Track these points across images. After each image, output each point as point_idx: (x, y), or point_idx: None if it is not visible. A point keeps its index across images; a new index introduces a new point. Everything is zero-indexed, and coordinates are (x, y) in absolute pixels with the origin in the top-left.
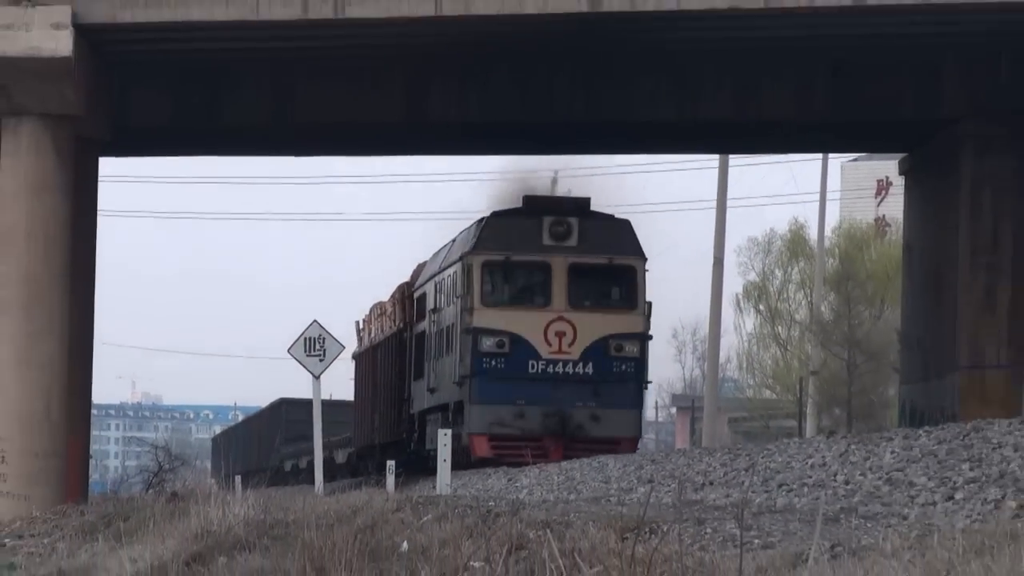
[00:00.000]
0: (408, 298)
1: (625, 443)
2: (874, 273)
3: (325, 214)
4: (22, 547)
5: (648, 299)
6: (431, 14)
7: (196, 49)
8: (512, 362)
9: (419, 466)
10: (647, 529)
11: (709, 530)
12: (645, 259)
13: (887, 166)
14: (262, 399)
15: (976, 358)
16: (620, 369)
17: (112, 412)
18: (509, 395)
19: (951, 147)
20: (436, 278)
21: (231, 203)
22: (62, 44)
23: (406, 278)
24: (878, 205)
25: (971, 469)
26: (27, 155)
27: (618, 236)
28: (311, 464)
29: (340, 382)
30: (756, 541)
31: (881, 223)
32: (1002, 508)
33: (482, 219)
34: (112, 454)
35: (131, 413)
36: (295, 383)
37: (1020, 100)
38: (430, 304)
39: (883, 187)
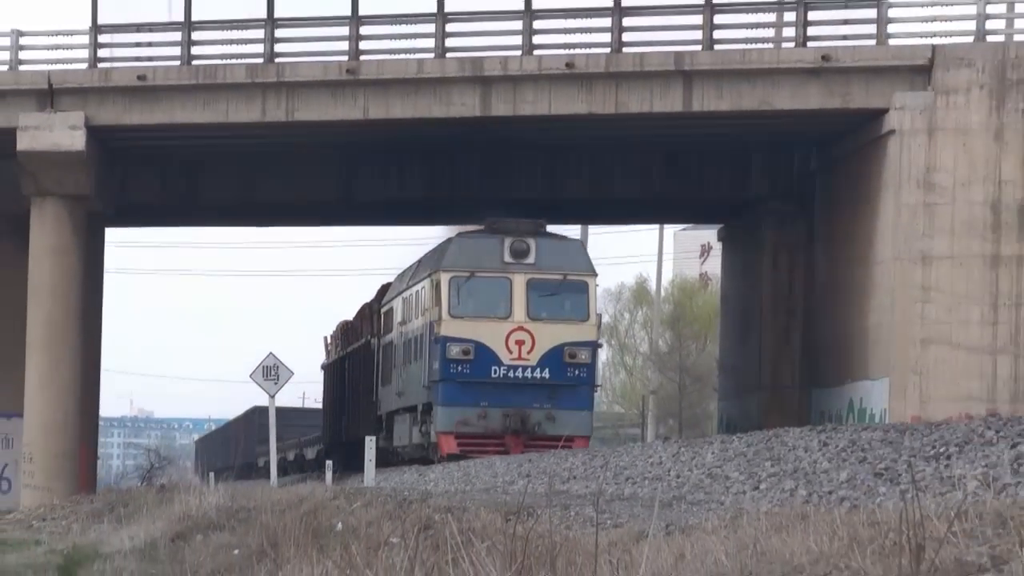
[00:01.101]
0: (376, 314)
1: (578, 441)
2: (699, 316)
3: (286, 271)
4: (45, 527)
5: (598, 312)
6: (360, 118)
7: (179, 144)
8: (477, 367)
9: (385, 461)
10: (525, 513)
11: (573, 513)
12: (595, 275)
13: (709, 233)
14: (232, 412)
15: (775, 380)
16: (573, 374)
17: (114, 423)
18: (474, 398)
19: (757, 220)
20: (404, 294)
21: (212, 262)
22: (77, 141)
23: (369, 299)
24: (702, 264)
25: (772, 466)
26: (50, 227)
27: (571, 255)
28: (293, 458)
29: (316, 387)
30: (609, 522)
31: (704, 278)
32: (795, 495)
33: (449, 239)
34: (115, 456)
35: (129, 424)
36: (263, 397)
37: (807, 185)
38: (398, 318)
39: (705, 250)
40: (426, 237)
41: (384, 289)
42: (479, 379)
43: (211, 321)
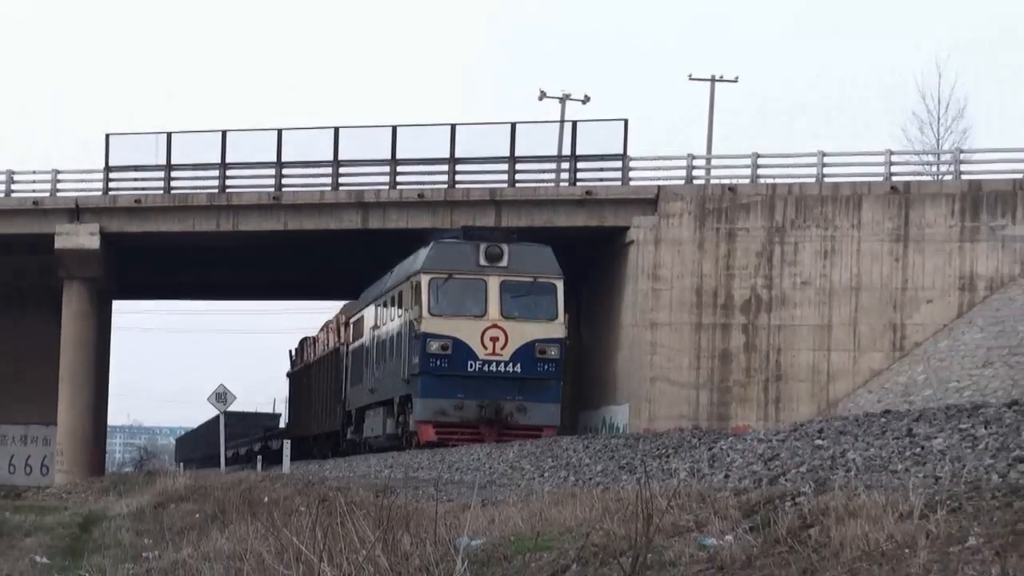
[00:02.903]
0: (344, 324)
1: (547, 430)
2: None
3: (244, 330)
4: (70, 498)
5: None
6: (281, 229)
7: (162, 245)
8: (454, 362)
9: (352, 450)
10: (389, 491)
11: (421, 492)
12: (562, 278)
13: None
14: (198, 420)
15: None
16: (543, 369)
17: (116, 430)
18: (451, 390)
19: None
20: (377, 301)
21: (190, 322)
22: (94, 243)
23: (330, 318)
24: None
25: (552, 461)
26: (75, 299)
27: (540, 259)
28: (244, 452)
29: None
30: (445, 498)
31: None
32: (567, 481)
33: (429, 243)
34: (116, 452)
35: (126, 430)
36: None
37: (578, 276)
38: (370, 323)
39: None
40: (323, 308)
41: (351, 305)
42: (456, 372)
43: (184, 361)
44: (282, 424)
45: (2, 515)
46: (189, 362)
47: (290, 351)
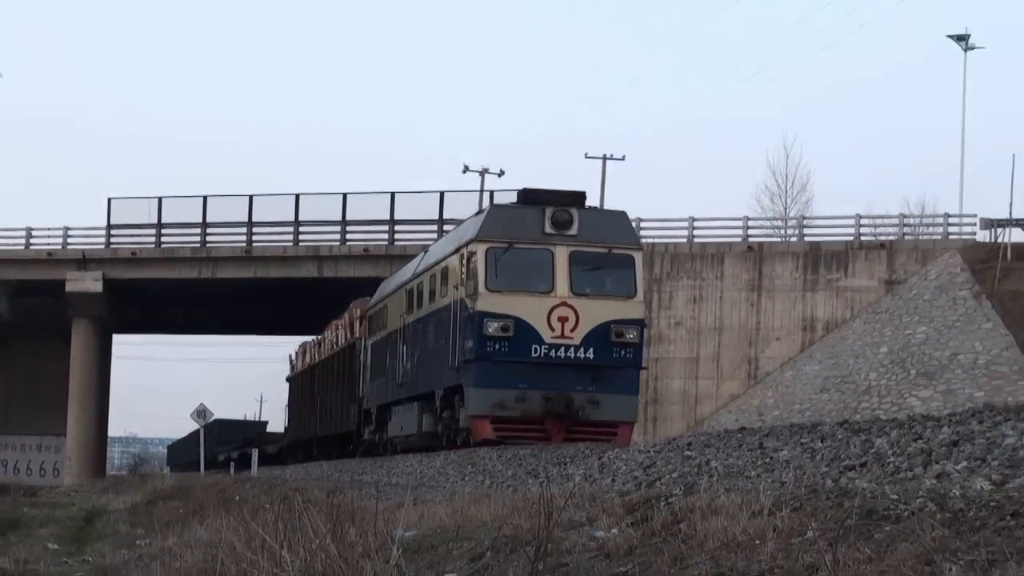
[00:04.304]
0: (360, 318)
1: (623, 428)
2: None
3: (222, 359)
4: (77, 496)
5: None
6: (251, 276)
7: (154, 289)
8: (515, 346)
9: (371, 452)
10: (338, 491)
11: (364, 492)
12: (641, 249)
13: None
14: (182, 432)
15: None
16: (620, 355)
17: (115, 440)
18: (512, 379)
19: None
20: (408, 286)
21: (176, 352)
22: (97, 287)
23: (340, 319)
24: None
25: (471, 468)
26: (82, 334)
27: (616, 227)
28: (232, 456)
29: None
30: (384, 497)
31: None
32: (484, 484)
33: (483, 210)
34: (115, 458)
35: (123, 440)
36: (220, 414)
37: None
38: (399, 310)
39: None
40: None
41: (363, 301)
42: (518, 359)
43: (172, 384)
44: (270, 429)
45: (20, 510)
46: (176, 385)
47: (290, 356)
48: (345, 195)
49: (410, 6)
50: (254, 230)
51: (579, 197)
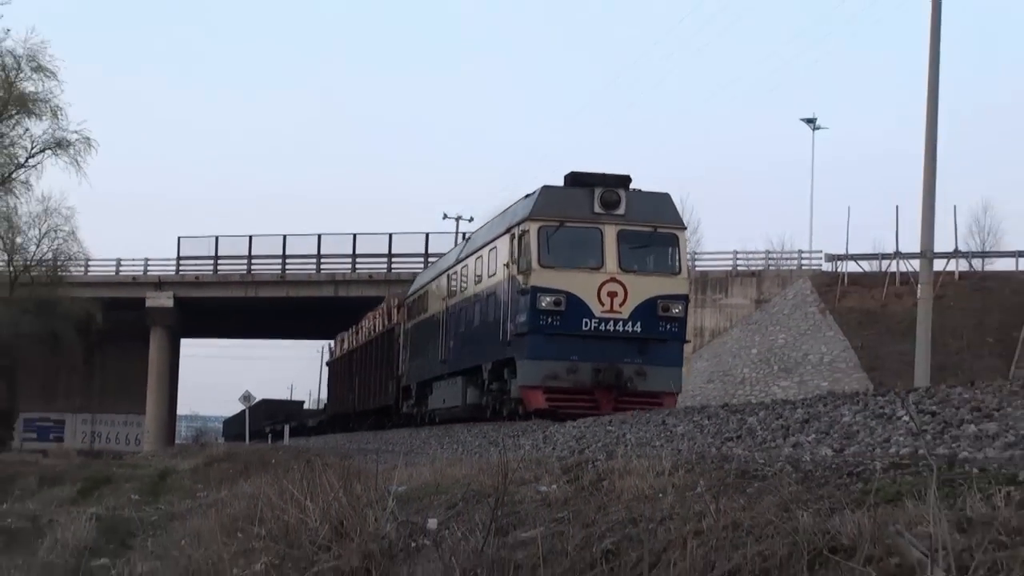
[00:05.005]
0: (397, 307)
1: (667, 398)
2: None
3: (263, 357)
4: (153, 460)
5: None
6: (284, 296)
7: (212, 304)
8: (567, 319)
9: (408, 422)
10: (349, 456)
11: (368, 458)
12: (685, 228)
13: None
14: (231, 412)
15: None
16: (665, 328)
17: (182, 417)
18: (563, 351)
19: None
20: (451, 271)
21: (228, 352)
22: (169, 303)
23: (375, 311)
24: None
25: (449, 440)
26: (158, 338)
27: (661, 207)
28: (277, 430)
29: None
30: (382, 461)
31: None
32: (458, 451)
33: (533, 192)
34: (183, 431)
35: (188, 417)
36: (265, 395)
37: None
38: (441, 294)
39: None
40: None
41: (399, 293)
42: (570, 332)
43: (226, 375)
44: (306, 407)
45: (111, 470)
46: (228, 376)
47: (329, 344)
48: (355, 235)
49: (401, 97)
50: (287, 261)
51: (625, 179)
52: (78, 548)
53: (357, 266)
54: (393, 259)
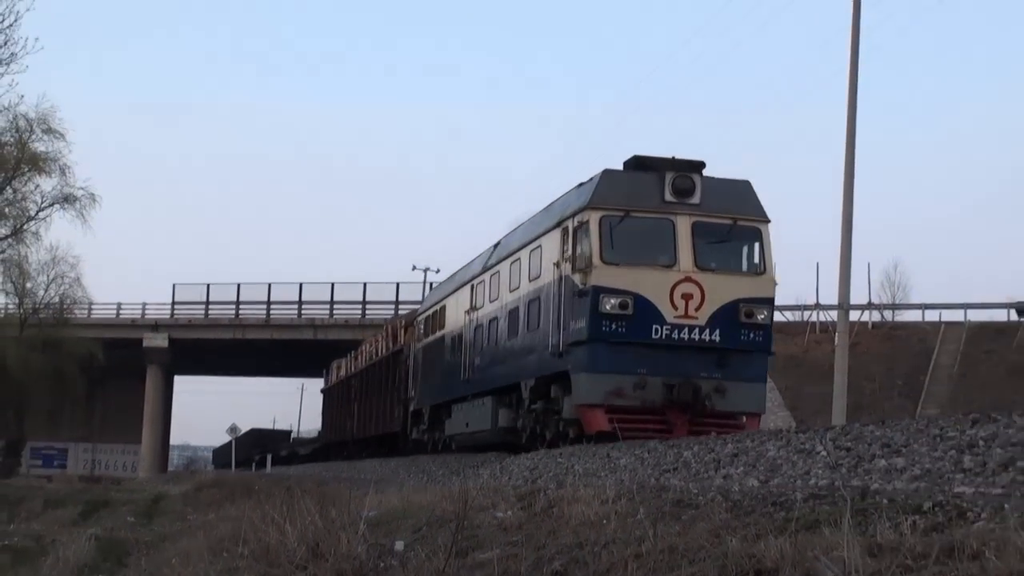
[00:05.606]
0: (404, 327)
1: (750, 421)
2: None
3: (248, 392)
4: (147, 485)
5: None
6: (269, 338)
7: (202, 344)
8: (634, 325)
9: (420, 449)
10: (324, 483)
11: (342, 484)
12: (769, 221)
13: None
14: (219, 442)
15: None
16: (748, 337)
17: (174, 447)
18: (630, 362)
19: None
20: (476, 280)
21: (218, 387)
22: (164, 344)
23: (376, 335)
24: None
25: (416, 469)
26: (153, 376)
27: (741, 197)
28: (263, 458)
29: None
30: (355, 488)
31: None
32: (424, 480)
33: (590, 179)
34: (174, 460)
35: (180, 447)
36: (255, 423)
37: None
38: (463, 307)
39: None
40: (292, 382)
41: (408, 313)
42: (637, 340)
43: (214, 410)
44: (294, 435)
45: (109, 494)
46: (216, 409)
47: (324, 370)
48: (333, 284)
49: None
50: (272, 307)
51: (699, 164)
52: (78, 566)
53: (335, 312)
54: (367, 306)
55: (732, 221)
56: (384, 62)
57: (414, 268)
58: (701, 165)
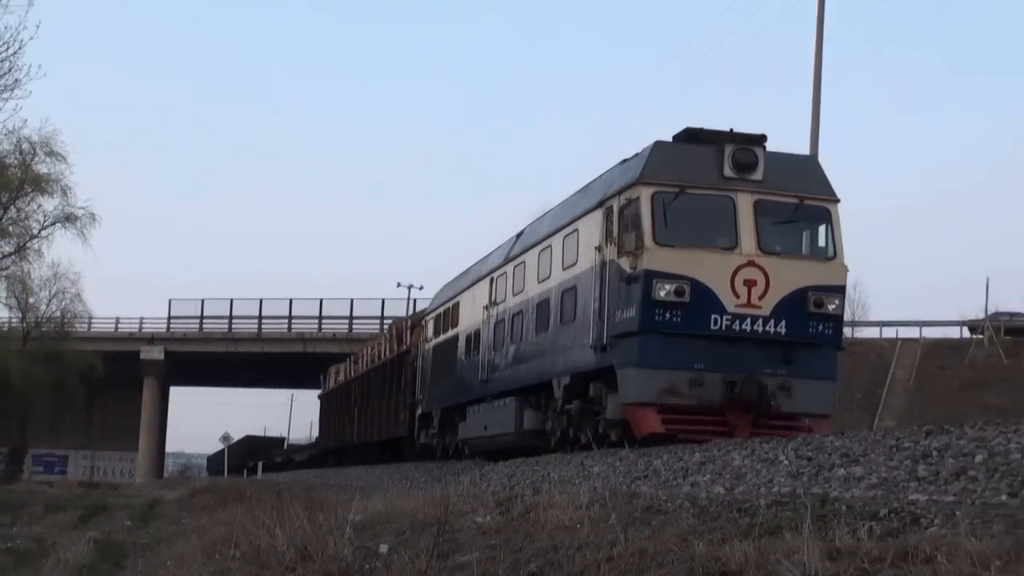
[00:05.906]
0: (411, 328)
1: (819, 422)
2: None
3: (240, 403)
4: (143, 490)
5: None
6: (260, 351)
7: (197, 357)
8: (691, 315)
9: (428, 455)
10: (313, 489)
11: (331, 490)
12: (839, 201)
13: None
14: (213, 449)
15: None
16: (817, 330)
17: (170, 454)
18: (686, 356)
19: None
20: (496, 272)
21: (211, 399)
22: (161, 356)
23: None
24: None
25: (400, 476)
26: (150, 386)
27: (807, 174)
28: (256, 464)
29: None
30: (342, 493)
31: None
32: (407, 487)
33: (639, 152)
34: (169, 467)
35: (175, 454)
36: (249, 430)
37: None
38: (480, 302)
39: None
40: (281, 393)
41: (410, 315)
42: (695, 331)
43: (208, 419)
44: (289, 443)
45: (107, 499)
46: (210, 418)
47: (321, 376)
48: (321, 300)
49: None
50: (263, 322)
51: (760, 138)
52: (77, 567)
53: (323, 326)
54: (354, 320)
55: (799, 200)
56: (380, 87)
57: (399, 285)
58: (763, 138)
